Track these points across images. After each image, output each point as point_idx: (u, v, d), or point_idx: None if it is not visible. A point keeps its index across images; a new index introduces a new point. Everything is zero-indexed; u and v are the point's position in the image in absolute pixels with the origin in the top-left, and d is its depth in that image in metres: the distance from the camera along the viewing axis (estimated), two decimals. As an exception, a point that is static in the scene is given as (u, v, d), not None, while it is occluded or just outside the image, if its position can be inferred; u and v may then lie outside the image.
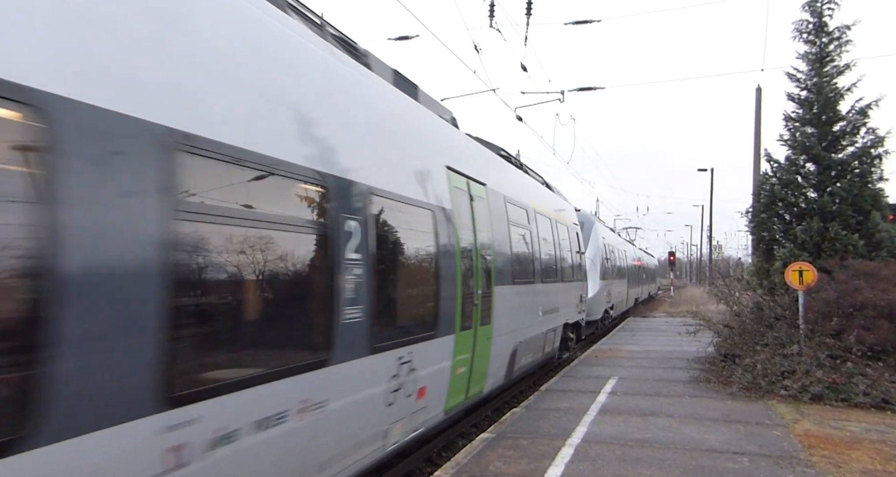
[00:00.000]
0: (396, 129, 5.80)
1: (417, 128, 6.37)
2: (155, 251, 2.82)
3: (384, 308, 5.04)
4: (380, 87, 5.60)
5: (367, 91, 5.34)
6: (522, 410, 8.50)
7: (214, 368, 3.27)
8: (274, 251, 3.76)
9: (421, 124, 6.50)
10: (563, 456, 6.31)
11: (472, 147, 8.17)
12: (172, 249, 2.92)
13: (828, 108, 12.57)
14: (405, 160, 5.77)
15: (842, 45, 12.63)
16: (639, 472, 5.85)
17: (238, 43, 3.67)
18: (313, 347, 4.11)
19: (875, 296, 9.74)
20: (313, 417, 3.98)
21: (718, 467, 6.00)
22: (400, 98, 6.04)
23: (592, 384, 10.35)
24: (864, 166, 12.20)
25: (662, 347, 15.46)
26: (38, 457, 2.29)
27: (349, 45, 5.38)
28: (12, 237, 2.31)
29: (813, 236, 11.88)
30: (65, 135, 2.45)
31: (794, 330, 10.57)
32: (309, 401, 3.94)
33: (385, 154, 5.39)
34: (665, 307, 34.56)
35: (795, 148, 12.78)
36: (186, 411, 2.95)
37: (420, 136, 6.39)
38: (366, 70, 5.42)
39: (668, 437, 7.09)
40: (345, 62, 5.02)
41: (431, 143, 6.66)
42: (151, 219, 2.82)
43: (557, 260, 11.66)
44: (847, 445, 6.85)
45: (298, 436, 3.86)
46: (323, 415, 4.08)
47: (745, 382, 9.66)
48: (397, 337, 5.18)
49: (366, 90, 5.30)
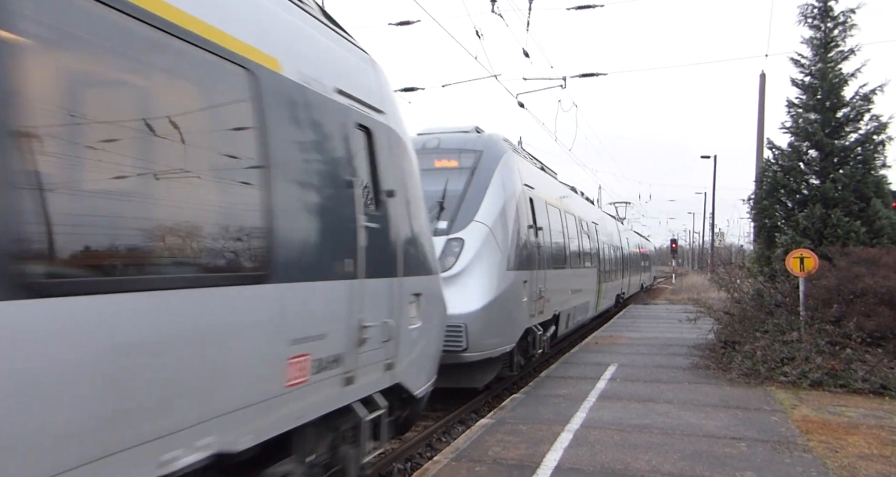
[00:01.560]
0: None
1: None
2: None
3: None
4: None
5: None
6: (522, 396, 8.55)
7: None
8: None
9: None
10: (562, 441, 6.35)
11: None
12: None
13: (832, 94, 12.47)
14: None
15: (847, 30, 12.50)
16: (637, 457, 5.89)
17: None
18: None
19: (876, 283, 9.74)
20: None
21: (716, 452, 6.04)
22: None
23: (592, 371, 10.39)
24: (867, 153, 12.13)
25: (662, 334, 15.49)
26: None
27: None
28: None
29: (815, 223, 11.85)
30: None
31: (794, 317, 10.58)
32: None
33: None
34: (666, 294, 34.61)
35: (798, 134, 12.70)
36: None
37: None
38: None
39: (666, 422, 7.13)
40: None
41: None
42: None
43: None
44: (845, 430, 6.89)
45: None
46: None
47: (745, 369, 9.69)
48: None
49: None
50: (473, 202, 8.63)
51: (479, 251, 8.24)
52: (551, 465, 5.64)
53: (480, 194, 8.68)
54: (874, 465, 5.74)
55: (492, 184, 8.83)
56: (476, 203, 8.57)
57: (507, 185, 9.09)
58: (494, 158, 9.20)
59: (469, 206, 8.56)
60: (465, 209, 8.53)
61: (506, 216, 8.84)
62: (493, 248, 8.40)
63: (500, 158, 9.26)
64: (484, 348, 8.17)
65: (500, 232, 8.60)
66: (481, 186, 8.77)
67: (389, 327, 4.61)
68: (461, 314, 7.68)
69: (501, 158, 9.28)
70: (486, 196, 8.69)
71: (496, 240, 8.45)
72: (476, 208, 8.52)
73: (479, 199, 8.62)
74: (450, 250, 8.10)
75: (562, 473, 5.45)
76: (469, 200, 8.62)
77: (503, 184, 9.00)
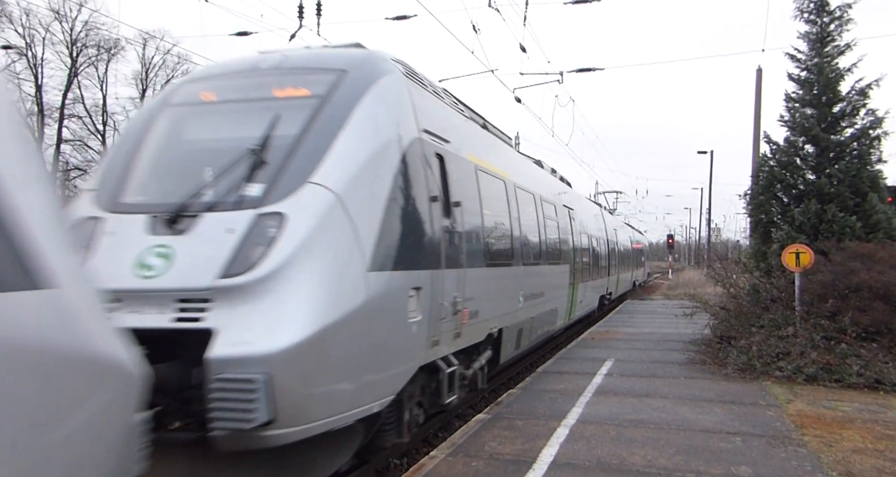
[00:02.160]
0: None
1: None
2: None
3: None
4: None
5: None
6: (518, 392, 8.56)
7: None
8: None
9: None
10: (559, 436, 6.37)
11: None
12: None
13: (828, 89, 12.49)
14: None
15: (843, 25, 12.51)
16: (633, 451, 5.91)
17: None
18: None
19: (871, 278, 9.77)
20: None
21: (712, 447, 6.06)
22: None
23: (588, 366, 10.41)
24: (863, 148, 12.16)
25: (659, 330, 15.52)
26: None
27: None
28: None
29: (810, 218, 11.87)
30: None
31: (789, 312, 10.61)
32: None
33: None
34: (663, 290, 34.68)
35: (795, 129, 12.72)
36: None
37: None
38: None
39: (662, 417, 7.15)
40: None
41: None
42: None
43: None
44: (839, 424, 6.92)
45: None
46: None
47: (741, 364, 9.72)
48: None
49: None
50: (311, 153, 4.98)
51: (310, 237, 4.53)
52: (547, 460, 5.65)
53: (326, 140, 5.07)
54: (868, 459, 5.76)
55: (351, 122, 5.21)
56: (316, 154, 4.98)
57: (384, 128, 5.51)
58: (363, 83, 5.57)
59: (304, 159, 4.95)
60: (295, 164, 4.92)
61: (374, 177, 5.19)
62: (343, 230, 4.76)
63: (374, 83, 5.62)
64: (311, 418, 4.37)
65: (360, 203, 4.95)
66: (331, 127, 5.17)
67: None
68: (256, 356, 4.06)
69: (376, 84, 5.63)
70: (336, 143, 5.05)
71: (349, 217, 4.80)
72: (315, 163, 4.91)
73: (322, 149, 5.01)
74: (257, 237, 4.51)
75: (558, 468, 5.47)
76: (305, 150, 5.01)
77: (375, 124, 5.42)
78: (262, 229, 4.56)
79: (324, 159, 4.92)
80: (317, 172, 4.84)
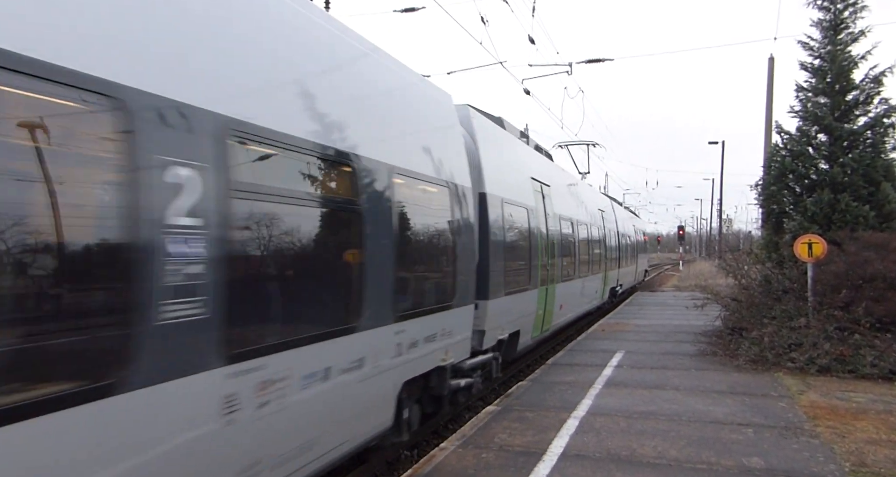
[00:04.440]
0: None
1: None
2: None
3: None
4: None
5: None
6: (528, 384, 8.56)
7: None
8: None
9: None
10: (568, 428, 6.36)
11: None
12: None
13: (841, 77, 12.30)
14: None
15: (857, 12, 12.30)
16: (643, 443, 5.89)
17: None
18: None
19: (885, 267, 9.66)
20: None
21: (723, 438, 6.03)
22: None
23: (599, 358, 10.39)
24: (877, 136, 11.97)
25: (670, 321, 15.45)
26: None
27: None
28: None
29: (823, 208, 11.74)
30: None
31: (802, 302, 10.52)
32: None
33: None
34: (674, 281, 34.49)
35: (807, 118, 12.55)
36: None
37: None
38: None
39: (673, 409, 7.12)
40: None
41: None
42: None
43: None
44: (852, 415, 6.86)
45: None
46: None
47: (752, 355, 9.66)
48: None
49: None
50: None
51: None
52: (557, 451, 5.65)
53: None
54: (882, 450, 5.72)
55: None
56: None
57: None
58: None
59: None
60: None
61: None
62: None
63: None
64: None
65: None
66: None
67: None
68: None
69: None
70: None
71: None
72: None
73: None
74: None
75: (568, 459, 5.47)
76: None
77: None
78: None
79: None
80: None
